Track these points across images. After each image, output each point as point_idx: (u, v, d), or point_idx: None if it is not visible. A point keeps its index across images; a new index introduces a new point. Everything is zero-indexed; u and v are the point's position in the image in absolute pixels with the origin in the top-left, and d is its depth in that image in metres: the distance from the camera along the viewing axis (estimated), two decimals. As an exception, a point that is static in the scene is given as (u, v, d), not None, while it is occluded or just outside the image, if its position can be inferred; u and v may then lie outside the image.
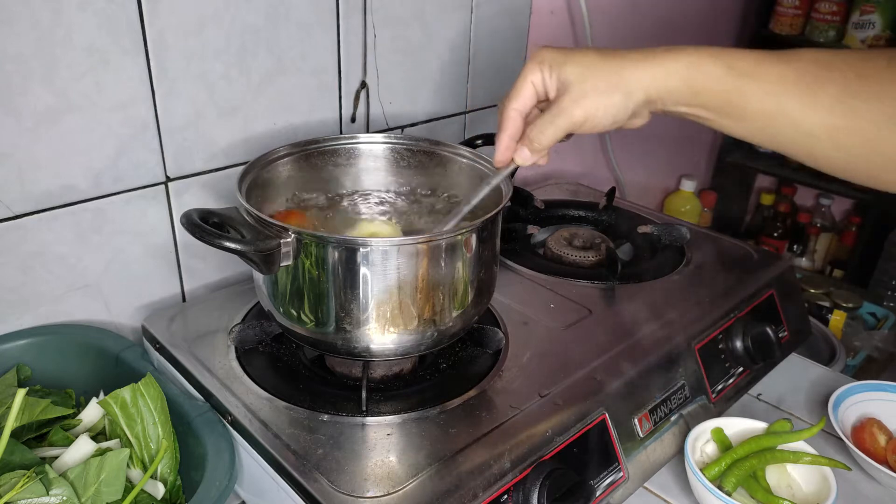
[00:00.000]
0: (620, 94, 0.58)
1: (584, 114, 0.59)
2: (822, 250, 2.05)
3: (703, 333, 0.85)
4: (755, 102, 0.54)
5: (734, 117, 0.56)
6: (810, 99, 0.52)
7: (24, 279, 0.76)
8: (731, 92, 0.55)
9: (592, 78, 0.58)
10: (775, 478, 0.74)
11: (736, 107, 0.55)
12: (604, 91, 0.58)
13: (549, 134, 0.61)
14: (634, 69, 0.58)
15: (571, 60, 0.60)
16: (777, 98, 0.53)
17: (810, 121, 0.53)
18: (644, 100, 0.58)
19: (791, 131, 0.54)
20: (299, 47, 0.89)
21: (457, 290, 0.68)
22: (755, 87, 0.54)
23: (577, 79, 0.59)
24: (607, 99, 0.58)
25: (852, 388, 0.86)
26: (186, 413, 0.68)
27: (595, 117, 0.59)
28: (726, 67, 0.55)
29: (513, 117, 0.63)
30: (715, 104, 0.56)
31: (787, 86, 0.53)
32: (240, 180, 0.70)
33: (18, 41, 0.68)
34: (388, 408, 0.68)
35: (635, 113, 0.60)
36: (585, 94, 0.59)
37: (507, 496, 0.62)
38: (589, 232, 1.05)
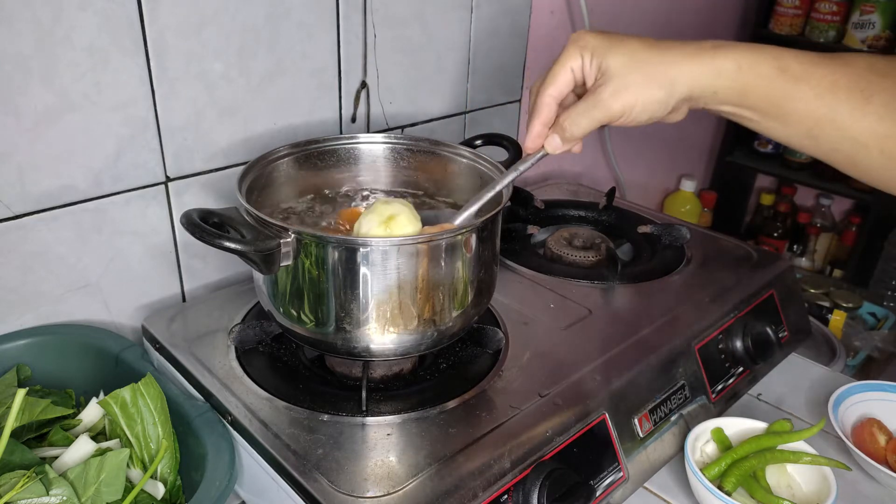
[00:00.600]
0: (663, 89, 0.56)
1: (622, 108, 0.57)
2: (822, 250, 2.05)
3: (703, 333, 0.85)
4: (804, 106, 0.53)
5: (780, 120, 0.55)
6: (861, 105, 0.51)
7: (24, 279, 0.76)
8: (781, 94, 0.53)
9: (636, 71, 0.56)
10: (775, 478, 0.74)
11: (784, 109, 0.54)
12: (646, 85, 0.56)
13: (583, 125, 0.59)
14: (682, 65, 0.55)
15: (616, 49, 0.57)
16: (827, 102, 0.52)
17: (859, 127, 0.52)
18: (687, 96, 0.57)
19: (837, 137, 0.53)
20: (299, 47, 0.89)
21: (457, 290, 0.68)
22: (806, 91, 0.53)
23: (620, 70, 0.56)
24: (649, 94, 0.56)
25: (852, 388, 0.86)
26: (186, 413, 0.68)
27: (633, 111, 0.57)
28: (779, 69, 0.53)
29: (547, 103, 0.61)
30: (762, 106, 0.55)
31: (839, 92, 0.52)
32: (240, 180, 0.70)
33: (18, 41, 0.68)
34: (388, 408, 0.68)
35: (675, 108, 0.58)
36: (627, 87, 0.56)
37: (507, 496, 0.62)
38: (589, 232, 1.05)
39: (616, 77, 0.57)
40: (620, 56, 0.57)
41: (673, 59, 0.56)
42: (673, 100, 0.57)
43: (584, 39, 0.59)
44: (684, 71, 0.55)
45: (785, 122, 0.55)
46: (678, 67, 0.56)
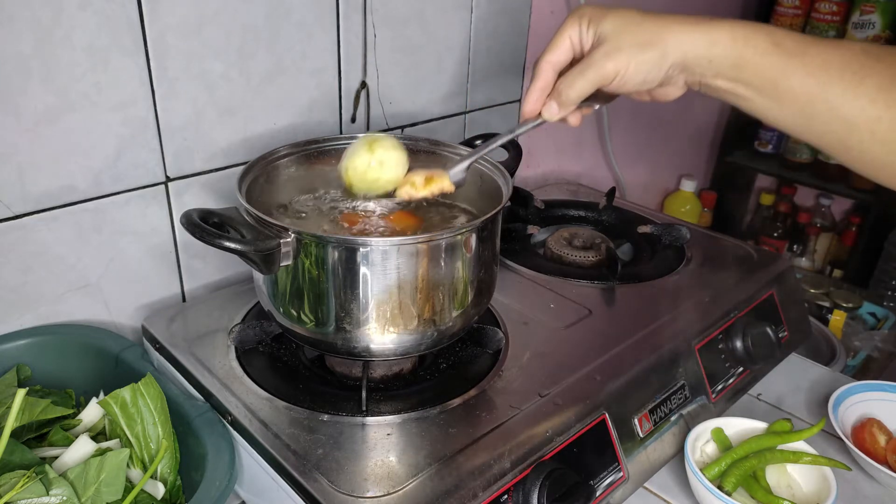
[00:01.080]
0: (656, 51, 0.56)
1: (615, 67, 0.57)
2: (822, 250, 2.05)
3: (703, 333, 0.85)
4: (797, 83, 0.53)
5: (773, 97, 0.55)
6: (854, 86, 0.51)
7: (24, 279, 0.76)
8: (775, 69, 0.54)
9: (630, 33, 0.57)
10: (775, 478, 0.74)
11: (777, 85, 0.54)
12: (639, 46, 0.57)
13: (577, 87, 0.60)
14: (676, 30, 0.56)
15: (611, 14, 0.58)
16: (820, 80, 0.52)
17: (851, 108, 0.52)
18: (681, 62, 0.57)
19: (829, 117, 0.53)
20: (299, 47, 0.89)
21: (457, 290, 0.68)
22: (799, 67, 0.53)
23: (614, 32, 0.57)
24: (641, 54, 0.57)
25: (852, 388, 0.86)
26: (186, 413, 0.68)
27: (626, 72, 0.57)
28: (773, 44, 0.53)
29: (545, 69, 0.62)
30: (756, 81, 0.55)
31: (832, 70, 0.52)
32: (240, 180, 0.70)
33: (18, 41, 0.68)
34: (388, 408, 0.68)
35: (669, 78, 0.59)
36: (619, 48, 0.57)
37: (507, 496, 0.62)
38: (589, 232, 1.05)
39: (610, 39, 0.58)
40: (615, 20, 0.58)
41: (667, 25, 0.57)
42: (666, 63, 0.57)
43: (582, 9, 0.60)
44: (679, 36, 0.56)
45: (778, 99, 0.55)
46: (672, 32, 0.56)
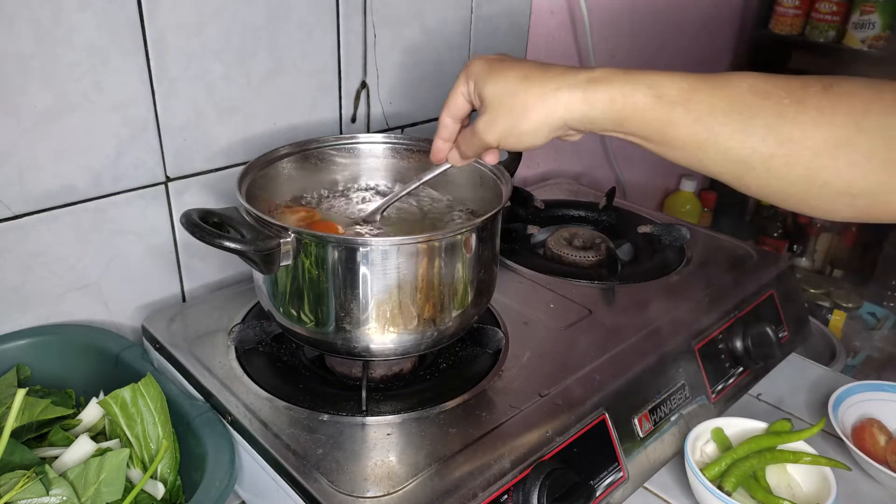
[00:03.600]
0: (532, 122, 0.57)
1: (496, 138, 0.59)
2: (822, 250, 2.05)
3: (703, 333, 0.85)
4: (684, 131, 0.52)
5: (661, 143, 0.54)
6: (742, 127, 0.51)
7: (24, 279, 0.76)
8: (660, 120, 0.53)
9: (506, 104, 0.58)
10: (775, 478, 0.74)
11: (665, 135, 0.54)
12: (515, 118, 0.57)
13: (472, 150, 0.63)
14: (553, 96, 0.56)
15: (492, 79, 0.58)
16: (707, 126, 0.52)
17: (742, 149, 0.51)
18: (562, 126, 0.57)
19: (721, 158, 0.52)
20: (299, 47, 0.89)
21: (457, 290, 0.68)
22: (684, 116, 0.52)
23: (493, 101, 0.58)
24: (518, 126, 0.58)
25: (852, 388, 0.86)
26: (186, 413, 0.68)
27: (508, 140, 0.59)
28: (655, 97, 0.53)
29: (446, 123, 0.64)
30: (643, 132, 0.55)
31: (717, 115, 0.51)
32: (240, 180, 0.70)
33: (18, 41, 0.68)
34: (388, 408, 0.68)
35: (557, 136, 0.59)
36: (496, 121, 0.58)
37: (507, 496, 0.62)
38: (589, 232, 1.05)
39: (489, 108, 0.59)
40: (494, 86, 0.58)
41: (543, 93, 0.56)
42: (545, 131, 0.57)
43: (472, 68, 0.61)
44: (555, 105, 0.56)
45: (668, 146, 0.54)
46: (549, 101, 0.56)
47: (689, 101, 0.52)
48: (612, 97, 0.54)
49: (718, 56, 1.87)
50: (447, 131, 0.65)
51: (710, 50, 1.81)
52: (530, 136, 0.58)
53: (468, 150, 0.64)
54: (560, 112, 0.56)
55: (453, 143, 0.66)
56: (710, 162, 0.53)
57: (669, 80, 0.53)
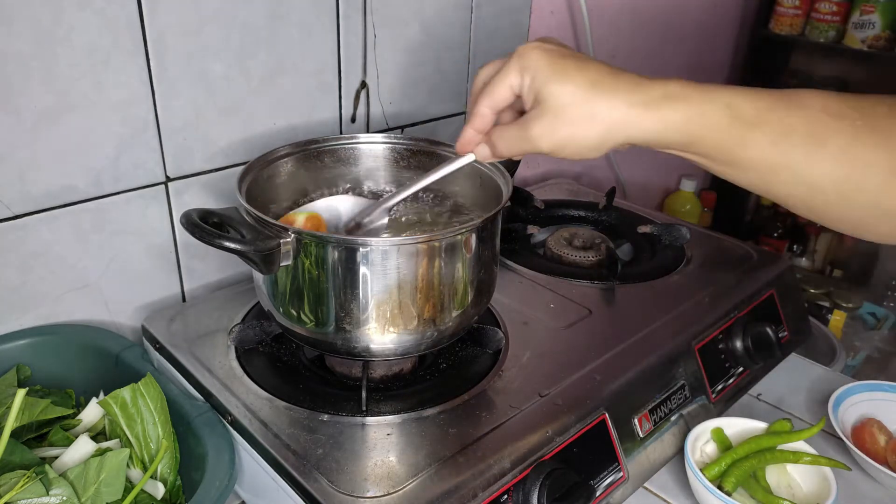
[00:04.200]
0: (596, 135, 0.53)
1: (550, 146, 0.54)
2: (822, 250, 2.05)
3: (703, 333, 0.85)
4: (758, 153, 0.50)
5: (730, 164, 0.52)
6: (817, 149, 0.49)
7: (24, 279, 0.76)
8: (734, 141, 0.51)
9: (571, 112, 0.52)
10: (775, 478, 0.74)
11: (736, 156, 0.51)
12: (579, 129, 0.53)
13: (511, 149, 0.57)
14: (623, 112, 0.52)
15: (557, 80, 0.53)
16: (782, 149, 0.50)
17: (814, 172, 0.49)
18: (624, 143, 0.54)
19: (792, 181, 0.51)
20: (299, 47, 0.89)
21: (457, 290, 0.68)
22: (760, 137, 0.50)
23: (555, 105, 0.53)
24: (579, 137, 0.53)
25: (852, 388, 0.86)
26: (186, 413, 0.68)
27: (563, 150, 0.54)
28: (731, 118, 0.50)
29: (483, 114, 0.58)
30: (713, 153, 0.52)
31: (794, 137, 0.49)
32: (240, 180, 0.70)
33: (18, 41, 0.68)
34: (388, 408, 0.68)
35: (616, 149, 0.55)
36: (557, 129, 0.53)
37: (507, 496, 0.62)
38: (589, 232, 1.05)
39: (549, 113, 0.53)
40: (560, 89, 0.52)
41: (613, 106, 0.52)
42: (607, 146, 0.54)
43: (529, 58, 0.54)
44: (624, 120, 0.52)
45: (737, 167, 0.52)
46: (618, 115, 0.52)
47: (766, 122, 0.50)
48: (688, 118, 0.51)
49: (719, 56, 1.87)
50: (482, 122, 0.59)
51: (710, 50, 1.81)
52: (589, 150, 0.54)
53: (507, 148, 0.57)
54: (630, 130, 0.52)
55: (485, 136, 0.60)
56: (780, 185, 0.52)
57: (745, 97, 0.51)
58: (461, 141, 0.60)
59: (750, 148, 0.51)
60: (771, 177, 0.52)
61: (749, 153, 0.51)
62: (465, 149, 0.61)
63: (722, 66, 1.90)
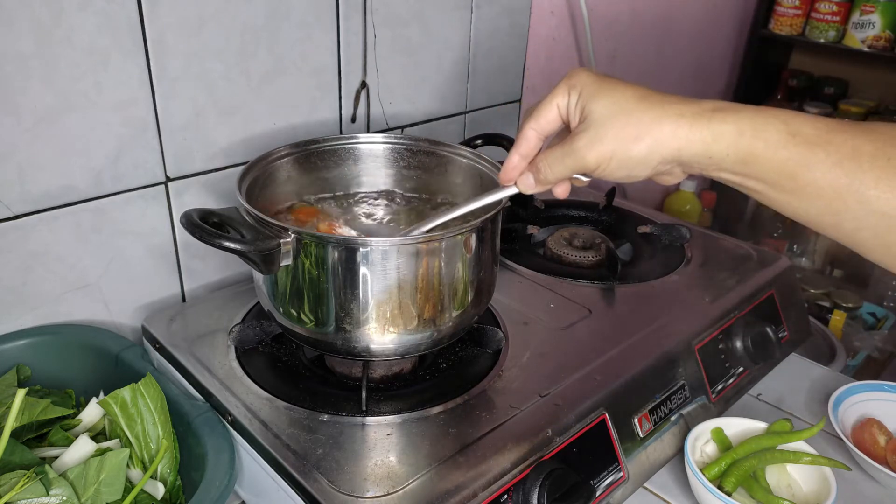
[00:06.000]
0: (644, 148, 0.51)
1: (596, 160, 0.52)
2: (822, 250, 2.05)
3: (703, 333, 0.85)
4: (821, 175, 0.46)
5: (794, 193, 0.48)
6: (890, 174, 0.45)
7: (24, 279, 0.76)
8: (793, 162, 0.47)
9: (618, 123, 0.51)
10: (775, 478, 0.74)
11: (797, 180, 0.47)
12: (625, 140, 0.51)
13: (557, 171, 0.56)
14: (671, 124, 0.50)
15: (604, 95, 0.52)
16: (848, 170, 0.45)
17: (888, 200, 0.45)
18: (673, 159, 0.51)
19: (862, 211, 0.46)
20: (299, 47, 0.89)
21: (457, 291, 0.68)
22: (823, 158, 0.46)
23: (601, 119, 0.52)
24: (626, 149, 0.51)
25: (852, 388, 0.86)
26: (186, 413, 0.68)
27: (609, 166, 0.52)
28: (789, 134, 0.47)
29: (529, 137, 0.57)
30: (771, 176, 0.48)
31: (862, 158, 0.45)
32: (240, 180, 0.70)
33: (18, 41, 0.68)
34: (388, 408, 0.68)
35: (660, 171, 0.53)
36: (602, 140, 0.52)
37: (507, 496, 0.62)
38: (589, 232, 1.05)
39: (595, 125, 0.52)
40: (605, 102, 0.52)
41: (662, 116, 0.50)
42: (655, 160, 0.51)
43: (577, 78, 0.54)
44: (674, 131, 0.49)
45: (799, 194, 0.48)
46: (666, 126, 0.50)
47: (829, 142, 0.46)
48: (740, 129, 0.48)
49: (719, 56, 1.87)
50: (528, 146, 0.57)
51: (710, 50, 1.81)
52: (636, 164, 0.51)
53: (552, 172, 0.56)
54: (678, 142, 0.50)
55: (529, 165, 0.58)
56: (849, 216, 0.47)
57: (803, 117, 0.48)
58: (505, 168, 0.59)
59: (812, 169, 0.47)
60: (837, 204, 0.47)
61: (812, 176, 0.47)
62: (508, 176, 0.59)
63: (722, 65, 1.90)
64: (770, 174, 0.48)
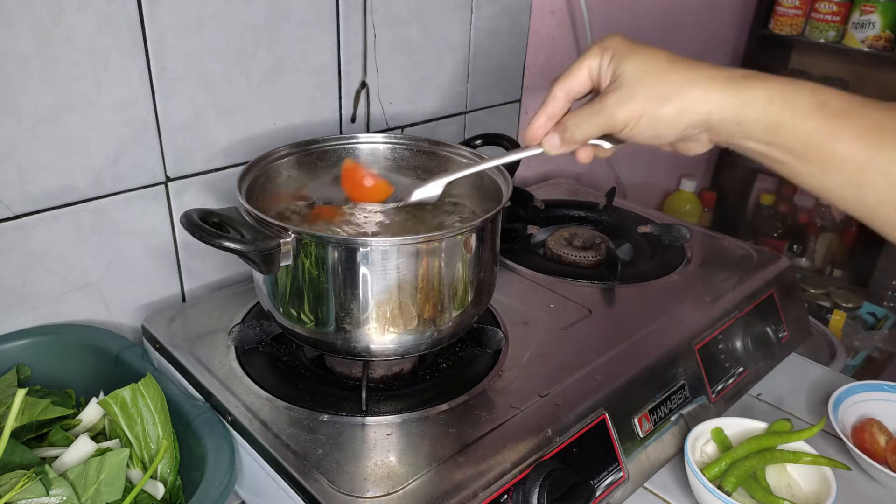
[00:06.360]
0: (673, 109, 0.51)
1: (625, 118, 0.53)
2: (822, 250, 2.05)
3: (703, 333, 0.85)
4: (844, 147, 0.47)
5: (818, 164, 0.49)
6: None
7: (24, 279, 0.76)
8: (819, 132, 0.48)
9: (649, 82, 0.52)
10: (775, 478, 0.74)
11: (821, 150, 0.48)
12: (655, 99, 0.52)
13: (584, 128, 0.56)
14: (703, 87, 0.51)
15: (636, 55, 0.53)
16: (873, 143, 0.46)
17: None
18: (702, 122, 0.52)
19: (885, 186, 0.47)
20: (299, 47, 0.89)
21: (457, 290, 0.68)
22: (848, 130, 0.47)
23: (632, 77, 0.53)
24: (656, 109, 0.52)
25: (852, 388, 0.86)
26: (186, 413, 0.68)
27: (637, 125, 0.53)
28: (818, 105, 0.48)
29: (557, 97, 0.57)
30: (797, 146, 0.49)
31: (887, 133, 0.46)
32: (240, 180, 0.70)
33: (18, 41, 0.68)
34: (388, 408, 0.68)
35: (687, 135, 0.54)
36: (634, 97, 0.52)
37: (507, 496, 0.62)
38: (589, 232, 1.05)
39: (626, 84, 0.53)
40: (637, 63, 0.53)
41: (693, 79, 0.51)
42: (683, 123, 0.52)
43: (609, 41, 0.55)
44: (705, 94, 0.51)
45: (823, 166, 0.49)
46: (698, 89, 0.51)
47: (856, 115, 0.48)
48: (769, 97, 0.49)
49: (719, 56, 1.87)
50: (556, 106, 0.57)
51: (710, 50, 1.81)
52: (664, 125, 0.52)
53: (580, 130, 0.56)
54: (708, 105, 0.50)
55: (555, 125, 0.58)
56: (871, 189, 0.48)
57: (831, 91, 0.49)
58: (531, 127, 0.59)
59: (837, 140, 0.47)
60: (860, 178, 0.48)
61: (836, 146, 0.48)
62: (534, 134, 0.59)
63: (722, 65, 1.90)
64: (796, 144, 0.49)
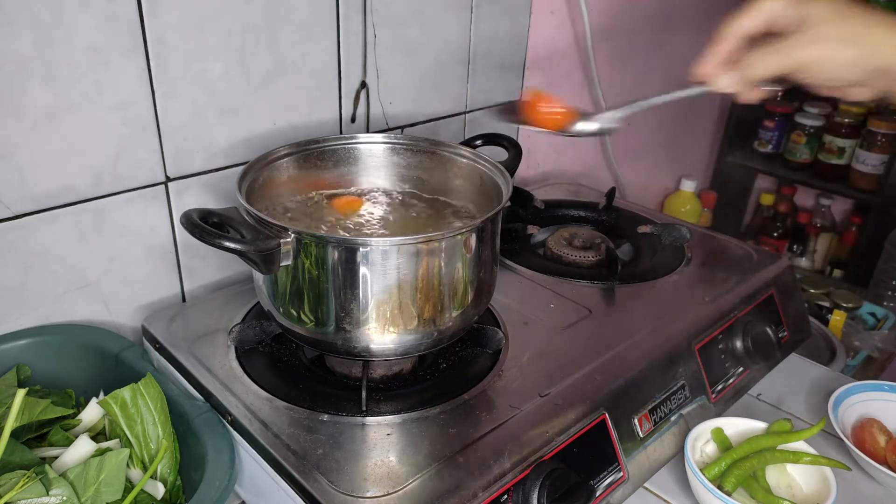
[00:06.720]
0: (861, 51, 0.53)
1: (812, 58, 0.54)
2: (822, 250, 2.05)
3: (703, 333, 0.85)
4: None
5: None
6: None
7: (24, 279, 0.76)
8: None
9: (837, 24, 0.53)
10: (775, 478, 0.74)
11: None
12: (844, 41, 0.53)
13: (768, 64, 0.56)
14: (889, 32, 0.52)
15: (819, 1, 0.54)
16: None
17: None
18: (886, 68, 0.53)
19: None
20: (299, 47, 0.89)
21: (457, 290, 0.68)
22: None
23: (820, 20, 0.53)
24: (843, 51, 0.53)
25: (852, 388, 0.86)
26: (186, 413, 0.68)
27: (821, 66, 0.54)
28: None
29: (733, 34, 0.57)
30: None
31: None
32: (240, 180, 0.70)
33: (18, 41, 0.68)
34: (388, 408, 0.68)
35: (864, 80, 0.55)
36: (820, 39, 0.53)
37: (507, 496, 0.62)
38: (589, 232, 1.05)
39: (814, 26, 0.54)
40: (823, 6, 0.54)
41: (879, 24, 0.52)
42: (868, 65, 0.53)
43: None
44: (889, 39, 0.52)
45: None
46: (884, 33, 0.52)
47: None
48: None
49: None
50: (727, 45, 0.57)
51: (710, 50, 1.81)
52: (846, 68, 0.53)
53: (763, 65, 0.56)
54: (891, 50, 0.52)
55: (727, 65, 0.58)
56: None
57: None
58: (702, 65, 0.59)
59: None
60: None
61: None
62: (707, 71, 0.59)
63: (722, 66, 1.90)
64: None
